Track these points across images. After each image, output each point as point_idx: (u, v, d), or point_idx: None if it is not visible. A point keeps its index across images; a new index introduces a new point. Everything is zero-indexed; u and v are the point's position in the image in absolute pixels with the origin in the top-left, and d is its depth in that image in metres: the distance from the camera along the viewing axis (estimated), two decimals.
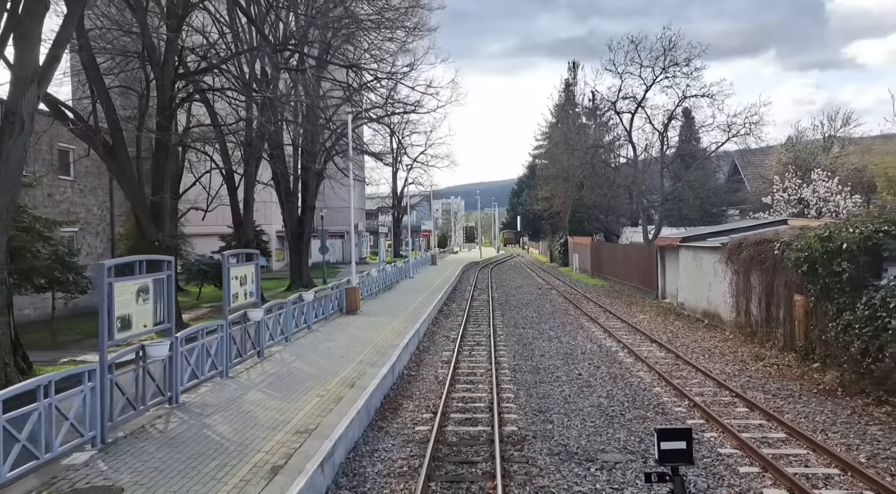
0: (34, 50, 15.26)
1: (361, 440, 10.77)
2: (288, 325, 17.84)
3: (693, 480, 8.80)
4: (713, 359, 16.90)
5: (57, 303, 22.94)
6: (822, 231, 13.24)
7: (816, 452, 9.76)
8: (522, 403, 13.01)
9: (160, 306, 10.93)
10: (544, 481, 8.92)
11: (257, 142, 31.32)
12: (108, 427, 9.36)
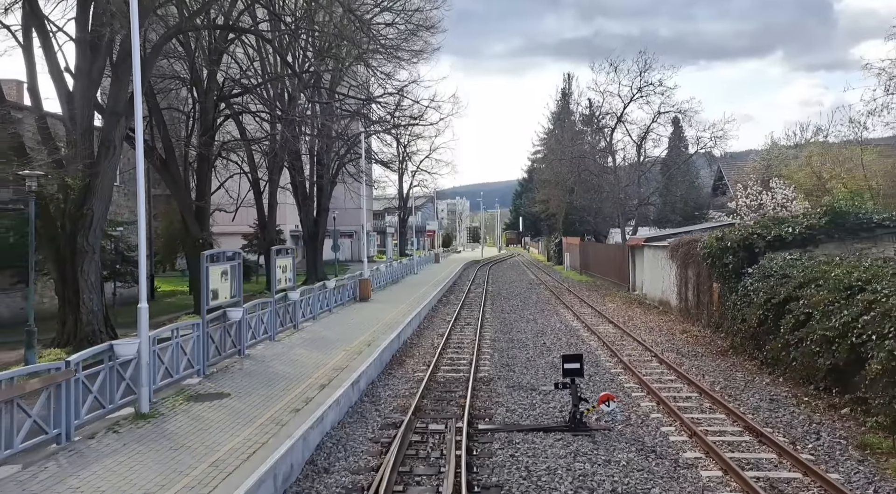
0: (124, 92, 19.85)
1: (377, 378, 15.28)
2: (315, 307, 22.38)
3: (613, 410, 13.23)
4: (651, 333, 21.34)
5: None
6: (719, 233, 17.67)
7: (689, 385, 14.20)
8: (495, 361, 17.47)
9: (234, 284, 15.46)
10: (500, 399, 13.41)
11: (280, 153, 35.87)
12: (207, 364, 13.88)
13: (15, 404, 8.40)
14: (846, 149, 28.93)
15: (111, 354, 10.56)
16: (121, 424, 10.31)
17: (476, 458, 9.90)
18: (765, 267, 15.42)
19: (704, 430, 10.90)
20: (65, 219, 19.68)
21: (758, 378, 14.68)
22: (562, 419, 11.74)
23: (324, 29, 31.78)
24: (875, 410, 10.23)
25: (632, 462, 9.65)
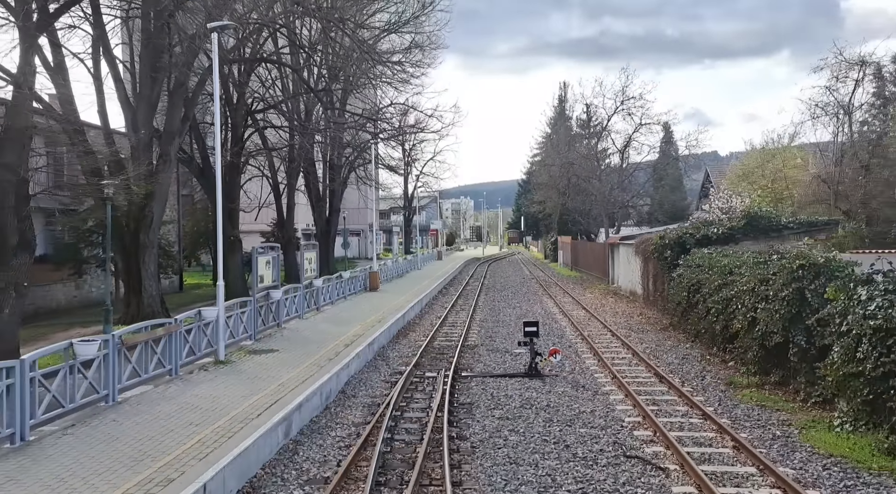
0: (177, 114, 24.15)
1: (386, 344, 19.55)
2: (333, 293, 26.66)
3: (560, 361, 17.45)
4: (614, 316, 25.55)
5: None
6: (661, 232, 21.85)
7: (627, 350, 18.40)
8: (481, 335, 21.70)
9: (274, 272, 19.74)
10: (480, 358, 17.64)
11: (298, 161, 40.16)
12: (256, 332, 18.15)
13: (150, 344, 12.69)
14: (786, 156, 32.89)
15: (200, 317, 14.85)
16: (207, 367, 14.59)
17: (457, 390, 14.13)
18: (689, 259, 19.60)
19: (624, 376, 15.09)
20: (129, 220, 23.97)
21: (681, 345, 18.89)
22: (523, 369, 15.96)
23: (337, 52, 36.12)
24: (739, 358, 14.43)
25: (566, 392, 13.88)
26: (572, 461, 9.72)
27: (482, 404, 13.02)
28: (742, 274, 14.73)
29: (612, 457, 9.86)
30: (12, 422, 9.07)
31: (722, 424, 10.99)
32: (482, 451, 10.18)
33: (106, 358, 11.20)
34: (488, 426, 11.49)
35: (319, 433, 11.25)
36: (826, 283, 11.45)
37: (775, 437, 10.64)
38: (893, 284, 9.62)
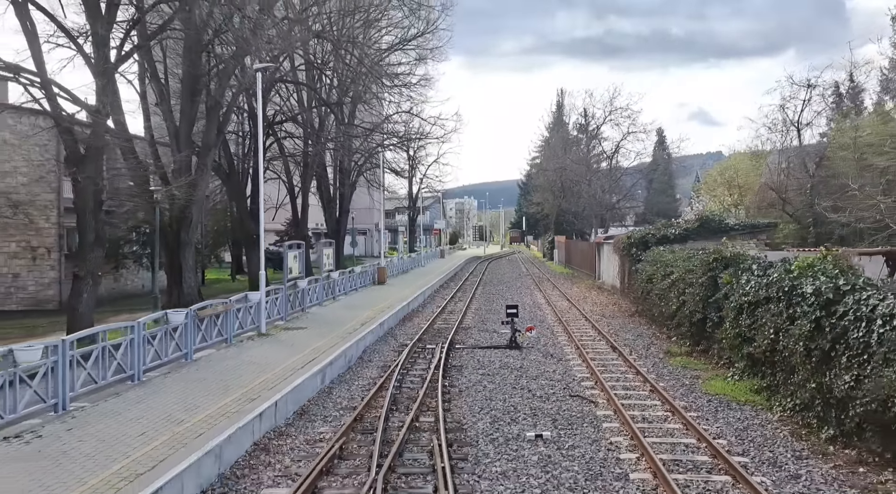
0: (213, 129, 27.92)
1: (394, 326, 23.30)
2: (346, 285, 30.43)
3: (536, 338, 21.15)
4: (593, 306, 29.25)
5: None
6: (629, 232, 25.54)
7: (594, 330, 22.10)
8: (475, 319, 25.42)
9: (301, 264, 23.51)
10: (472, 336, 21.37)
11: (311, 166, 43.95)
12: (287, 314, 21.91)
13: (212, 318, 16.46)
14: (738, 166, 36.58)
15: (246, 299, 18.62)
16: (252, 338, 18.36)
17: (451, 357, 17.87)
18: (648, 256, 23.28)
19: (586, 348, 18.77)
20: (172, 221, 27.73)
21: (640, 326, 22.61)
22: (505, 343, 19.68)
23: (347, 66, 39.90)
24: (676, 333, 18.16)
25: (536, 359, 17.60)
26: (531, 398, 13.45)
27: (469, 366, 16.77)
28: (677, 266, 18.43)
29: (561, 397, 13.58)
30: (133, 366, 12.84)
31: (647, 378, 14.69)
32: (466, 393, 13.91)
33: (186, 326, 14.98)
34: (472, 379, 15.24)
35: (346, 382, 15.02)
36: (734, 272, 15.15)
37: (683, 385, 14.37)
38: (761, 270, 13.30)
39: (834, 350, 9.98)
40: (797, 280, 11.29)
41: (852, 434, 9.60)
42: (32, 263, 33.36)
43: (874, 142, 22.26)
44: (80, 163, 19.96)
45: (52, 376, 10.67)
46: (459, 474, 9.16)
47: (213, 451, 9.05)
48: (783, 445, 10.27)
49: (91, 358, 11.73)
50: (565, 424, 11.61)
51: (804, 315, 10.71)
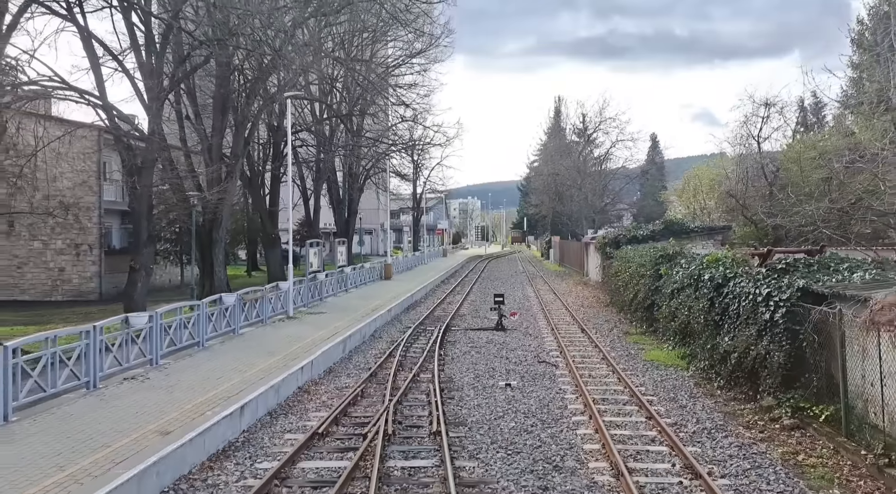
0: (240, 141, 31.76)
1: (400, 313, 27.10)
2: (357, 279, 34.24)
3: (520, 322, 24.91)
4: (575, 298, 32.97)
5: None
6: (605, 233, 29.23)
7: (571, 317, 25.84)
8: (470, 309, 29.18)
9: (320, 259, 27.31)
10: (465, 320, 25.15)
11: (323, 171, 47.80)
12: (308, 301, 25.70)
13: (250, 302, 20.28)
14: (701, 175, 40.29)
15: (277, 288, 22.44)
16: (282, 320, 22.16)
17: (447, 336, 21.63)
18: (618, 253, 27.01)
19: (560, 330, 22.50)
20: (204, 221, 31.55)
21: (610, 314, 26.35)
22: (493, 325, 23.43)
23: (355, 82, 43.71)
24: (634, 317, 21.92)
25: (517, 337, 21.36)
26: (507, 363, 17.22)
27: (461, 341, 20.56)
28: (634, 262, 22.17)
29: (531, 362, 17.35)
30: (199, 335, 16.66)
31: (602, 349, 18.43)
32: (457, 360, 17.69)
33: (235, 306, 18.80)
34: (463, 350, 19.03)
35: (362, 352, 18.84)
36: (670, 266, 18.87)
37: (629, 355, 18.12)
38: (687, 264, 17.03)
39: (721, 319, 13.72)
40: (704, 270, 15.04)
41: (731, 380, 13.33)
42: (76, 259, 37.32)
43: (814, 155, 25.90)
44: (138, 174, 23.85)
45: (149, 339, 14.49)
46: (448, 405, 12.92)
47: (273, 386, 12.87)
48: (685, 390, 14.02)
49: (172, 327, 15.56)
50: (529, 378, 15.39)
51: (704, 295, 14.46)
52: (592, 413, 11.98)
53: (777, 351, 11.41)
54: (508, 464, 9.68)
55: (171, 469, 8.93)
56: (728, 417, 11.95)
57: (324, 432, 11.14)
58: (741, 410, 12.31)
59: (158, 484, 8.59)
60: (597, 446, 10.45)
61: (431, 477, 9.17)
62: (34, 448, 9.10)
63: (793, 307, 11.22)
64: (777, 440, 10.55)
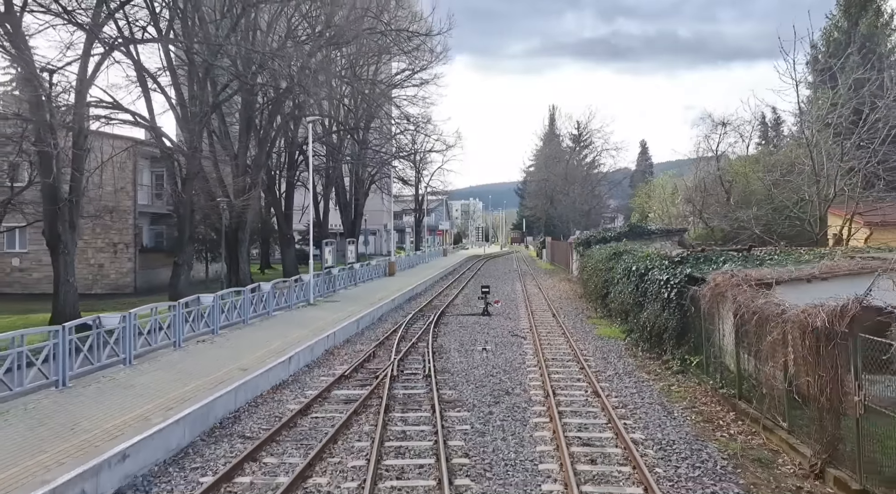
0: (263, 153, 36.37)
1: (403, 302, 31.70)
2: (364, 275, 38.83)
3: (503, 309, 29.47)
4: (555, 292, 37.51)
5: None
6: (580, 234, 33.72)
7: (547, 305, 30.40)
8: (463, 300, 33.74)
9: (334, 256, 31.90)
10: (458, 308, 29.74)
11: (332, 177, 52.43)
12: (325, 292, 30.29)
13: (283, 290, 24.88)
14: (664, 183, 44.96)
15: (299, 280, 27.04)
16: (304, 306, 26.75)
17: (441, 319, 26.19)
18: (588, 252, 31.55)
19: (535, 315, 27.04)
20: (231, 223, 36.14)
21: (580, 304, 30.88)
22: (479, 311, 27.98)
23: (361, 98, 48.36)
24: (594, 304, 26.49)
25: (499, 320, 25.93)
26: (486, 336, 21.77)
27: (452, 323, 25.14)
28: (594, 258, 26.72)
29: (505, 336, 21.91)
30: (244, 315, 21.26)
31: (564, 328, 22.98)
32: (448, 335, 22.26)
33: (270, 293, 23.39)
34: (453, 328, 23.61)
35: (371, 329, 23.44)
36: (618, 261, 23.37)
37: (584, 331, 22.68)
38: (632, 258, 21.54)
39: (643, 300, 18.28)
40: (634, 264, 19.60)
41: (648, 343, 17.88)
42: (114, 256, 41.90)
43: (756, 168, 30.42)
44: (183, 184, 28.45)
45: (211, 315, 19.09)
46: (437, 361, 17.48)
47: (308, 347, 17.47)
48: (615, 353, 18.58)
49: (226, 307, 20.16)
50: (502, 346, 19.97)
51: (633, 282, 19.02)
52: (542, 366, 16.55)
53: (672, 319, 15.96)
54: (475, 392, 14.26)
55: (251, 390, 13.54)
56: (638, 368, 16.53)
57: (348, 375, 15.75)
58: (649, 364, 16.88)
59: (245, 399, 13.20)
60: (538, 382, 15.02)
61: (423, 398, 13.74)
62: (162, 376, 13.70)
63: (681, 288, 15.76)
64: (663, 379, 15.13)
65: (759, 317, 10.42)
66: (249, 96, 34.41)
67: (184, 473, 9.63)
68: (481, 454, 10.32)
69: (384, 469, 9.62)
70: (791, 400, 9.85)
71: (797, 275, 12.10)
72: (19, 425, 10.33)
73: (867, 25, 39.06)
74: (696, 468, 9.60)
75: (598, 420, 11.99)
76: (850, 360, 8.14)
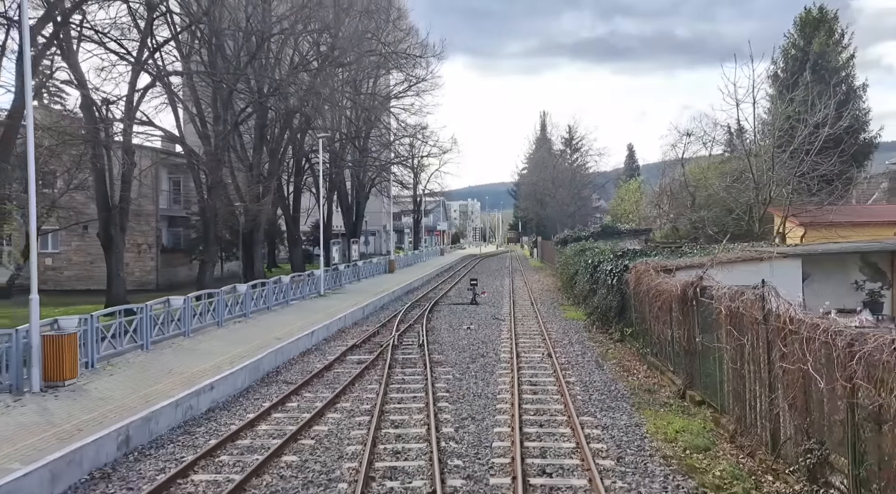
0: (276, 163, 40.56)
1: (402, 295, 35.91)
2: (367, 271, 43.04)
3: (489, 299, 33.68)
4: (539, 285, 41.72)
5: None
6: (561, 233, 37.93)
7: (530, 297, 34.62)
8: (456, 293, 37.93)
9: (340, 254, 36.11)
10: (450, 298, 33.96)
11: (335, 182, 56.64)
12: (329, 287, 34.48)
13: (298, 283, 29.08)
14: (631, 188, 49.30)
15: (311, 274, 31.24)
16: (315, 297, 30.93)
17: (435, 308, 30.39)
18: (564, 250, 35.73)
19: (517, 305, 31.23)
20: (247, 225, 40.31)
21: (557, 295, 35.08)
22: (468, 301, 32.16)
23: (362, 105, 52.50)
24: (566, 294, 30.73)
25: (485, 308, 30.14)
26: (472, 319, 25.97)
27: (444, 310, 29.35)
28: (566, 254, 30.91)
29: (488, 319, 26.11)
30: (268, 302, 25.46)
31: (539, 313, 27.17)
32: (440, 319, 26.46)
33: (288, 284, 27.58)
34: (444, 314, 27.81)
35: (375, 314, 27.65)
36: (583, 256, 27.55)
37: (554, 315, 26.89)
38: (591, 254, 25.73)
39: (596, 286, 22.48)
40: (591, 258, 23.80)
41: (600, 322, 22.09)
42: (138, 255, 46.07)
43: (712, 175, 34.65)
44: (209, 191, 32.64)
45: (244, 301, 23.28)
46: (429, 336, 21.65)
47: (325, 325, 21.68)
48: (575, 330, 22.78)
49: (255, 295, 24.36)
50: (484, 325, 24.18)
51: (589, 273, 23.24)
52: (513, 339, 20.76)
53: (614, 300, 20.17)
54: (458, 355, 18.47)
55: (285, 354, 17.76)
56: (588, 339, 20.76)
57: (358, 345, 19.97)
58: (598, 336, 21.12)
59: (281, 360, 17.41)
60: (508, 349, 19.23)
61: (417, 360, 17.93)
62: (216, 344, 17.89)
63: (620, 275, 19.96)
64: (605, 346, 19.37)
65: (653, 292, 14.61)
66: (263, 114, 38.57)
67: (249, 401, 13.83)
68: (458, 390, 14.51)
69: (388, 400, 13.80)
70: (674, 350, 14.04)
71: (690, 263, 16.28)
72: (131, 370, 14.54)
73: (820, 44, 43.21)
74: (604, 394, 13.82)
75: (545, 371, 16.20)
76: (695, 318, 12.34)
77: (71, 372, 13.20)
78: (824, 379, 6.97)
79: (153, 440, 11.06)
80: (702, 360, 12.18)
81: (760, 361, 9.10)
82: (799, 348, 7.53)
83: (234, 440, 11.10)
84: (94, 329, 14.76)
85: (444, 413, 12.64)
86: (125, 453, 10.33)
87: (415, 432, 11.47)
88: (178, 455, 10.43)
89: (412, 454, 10.36)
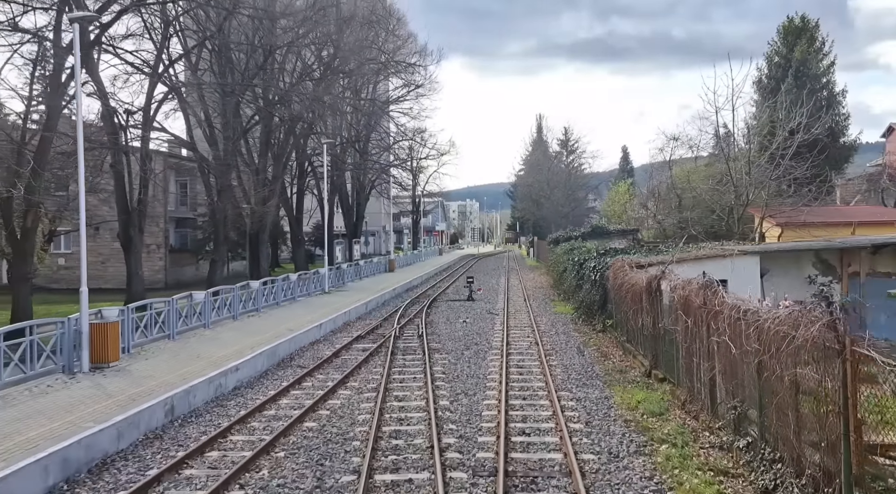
0: (280, 167, 42.42)
1: (402, 292, 37.78)
2: (368, 270, 44.90)
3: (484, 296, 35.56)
4: (532, 283, 43.59)
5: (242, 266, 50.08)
6: (553, 234, 39.81)
7: (523, 294, 36.50)
8: (453, 290, 39.80)
9: (343, 254, 37.98)
10: (448, 295, 35.83)
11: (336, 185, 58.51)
12: (333, 285, 36.34)
13: (304, 281, 30.95)
14: (620, 190, 51.24)
15: (316, 273, 33.11)
16: (320, 294, 32.80)
17: (434, 304, 32.27)
18: (556, 249, 37.60)
19: (511, 301, 33.10)
20: (253, 226, 42.16)
21: (549, 292, 36.96)
22: (465, 297, 34.02)
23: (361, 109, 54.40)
24: (557, 291, 32.62)
25: (480, 304, 32.02)
26: (468, 314, 27.85)
27: (442, 306, 31.22)
28: (557, 253, 32.78)
29: (483, 313, 27.99)
30: (278, 298, 27.33)
31: (531, 307, 29.04)
32: (438, 313, 28.33)
33: (295, 282, 29.45)
34: (442, 309, 29.68)
35: (377, 310, 29.52)
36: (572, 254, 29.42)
37: (545, 310, 28.77)
38: (578, 253, 27.59)
39: (582, 282, 24.36)
40: (577, 257, 25.68)
41: (585, 315, 23.97)
42: (147, 256, 47.66)
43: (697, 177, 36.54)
44: (219, 194, 34.51)
45: (255, 298, 25.14)
46: (428, 328, 23.52)
47: (332, 319, 23.56)
48: (562, 323, 24.67)
49: (266, 290, 26.23)
50: (479, 319, 26.06)
51: (575, 270, 25.11)
52: (505, 331, 22.65)
53: (597, 294, 22.06)
54: (454, 344, 20.35)
55: (297, 343, 19.64)
56: (574, 331, 22.65)
57: (363, 336, 21.86)
58: (583, 328, 23.01)
59: (294, 348, 19.28)
60: (500, 339, 21.10)
61: (416, 348, 19.80)
62: (235, 334, 19.75)
63: (602, 272, 21.84)
64: (587, 336, 21.26)
65: (627, 285, 16.50)
66: (268, 120, 40.43)
67: (270, 381, 15.72)
68: (453, 372, 16.40)
69: (392, 380, 15.67)
70: (643, 335, 15.93)
71: (661, 260, 18.18)
72: (163, 355, 16.42)
73: (801, 51, 45.16)
74: (581, 374, 15.72)
75: (532, 357, 18.09)
76: (658, 306, 14.23)
77: (113, 355, 15.08)
78: (735, 347, 8.85)
79: (192, 411, 12.93)
80: (664, 343, 14.06)
81: (702, 338, 10.98)
82: (723, 324, 9.40)
83: (261, 411, 12.97)
84: (130, 319, 16.64)
85: (441, 390, 14.51)
86: (171, 420, 12.20)
87: (415, 404, 13.35)
88: (216, 421, 12.31)
89: (413, 420, 12.25)
